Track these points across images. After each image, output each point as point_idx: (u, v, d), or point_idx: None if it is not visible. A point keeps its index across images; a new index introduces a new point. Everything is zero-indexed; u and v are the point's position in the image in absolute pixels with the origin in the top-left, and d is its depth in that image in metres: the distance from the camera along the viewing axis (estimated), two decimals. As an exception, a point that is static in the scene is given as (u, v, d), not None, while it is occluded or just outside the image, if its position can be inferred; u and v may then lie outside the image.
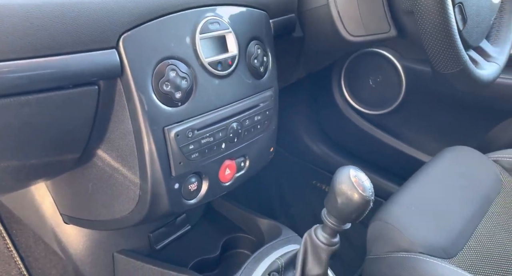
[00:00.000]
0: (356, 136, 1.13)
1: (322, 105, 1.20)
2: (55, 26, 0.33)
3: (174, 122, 0.42)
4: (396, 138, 1.06)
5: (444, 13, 0.44)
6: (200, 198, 0.48)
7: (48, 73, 0.33)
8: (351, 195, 0.40)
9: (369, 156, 1.13)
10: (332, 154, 1.20)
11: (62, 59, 0.34)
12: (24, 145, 0.37)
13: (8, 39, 0.30)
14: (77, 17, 0.34)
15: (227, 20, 0.48)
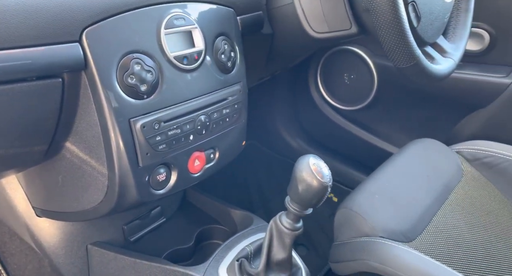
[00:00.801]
0: (332, 131, 1.16)
1: (300, 101, 1.22)
2: (14, 20, 0.33)
3: (140, 114, 0.43)
4: (369, 132, 1.08)
5: (395, 11, 0.46)
6: (169, 188, 0.49)
7: (10, 65, 0.34)
8: (311, 182, 0.42)
9: (345, 149, 1.15)
10: (310, 149, 1.23)
11: (23, 51, 0.34)
12: (5, 133, 0.37)
13: None
14: (37, 11, 0.35)
15: (193, 16, 0.49)
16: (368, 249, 0.53)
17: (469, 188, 0.70)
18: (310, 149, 1.22)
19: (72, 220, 0.54)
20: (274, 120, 1.27)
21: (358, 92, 1.07)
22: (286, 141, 1.26)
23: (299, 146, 1.25)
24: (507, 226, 0.66)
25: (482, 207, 0.67)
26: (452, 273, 0.50)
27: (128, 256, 0.55)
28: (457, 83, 0.85)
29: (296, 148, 1.25)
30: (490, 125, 0.81)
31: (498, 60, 0.83)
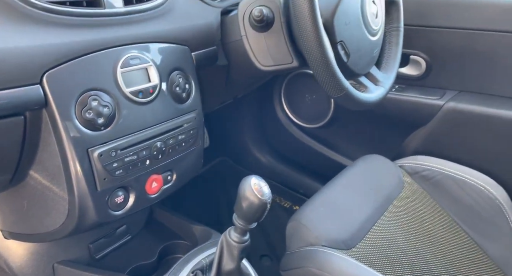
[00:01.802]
0: (297, 147, 1.22)
1: (267, 120, 1.28)
2: None
3: (97, 144, 0.48)
4: (329, 147, 1.15)
5: (323, 52, 0.52)
6: (127, 210, 0.53)
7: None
8: (253, 200, 0.47)
9: (308, 163, 1.22)
10: (277, 164, 1.29)
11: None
12: None
13: None
14: (3, 60, 0.39)
15: (148, 55, 0.54)
16: (311, 257, 0.58)
17: (408, 199, 0.76)
18: (278, 164, 1.28)
19: (37, 241, 0.57)
20: (244, 137, 1.32)
21: (318, 111, 1.15)
22: (256, 157, 1.32)
23: (268, 161, 1.31)
24: (439, 234, 0.72)
25: (418, 216, 0.74)
26: None
27: (93, 273, 0.58)
28: (401, 104, 0.93)
29: (265, 163, 1.31)
30: (429, 142, 0.89)
31: (434, 84, 0.91)
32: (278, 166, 1.27)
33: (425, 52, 0.90)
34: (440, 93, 0.89)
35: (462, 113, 0.83)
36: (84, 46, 0.47)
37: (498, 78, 0.82)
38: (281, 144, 1.29)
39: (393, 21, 0.75)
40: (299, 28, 0.53)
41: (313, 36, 0.52)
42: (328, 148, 1.15)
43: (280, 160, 1.27)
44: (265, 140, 1.32)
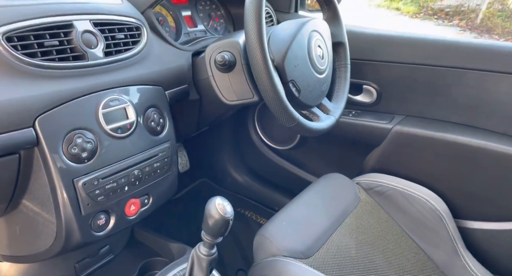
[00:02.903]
0: (270, 167, 1.31)
1: (243, 143, 1.37)
2: None
3: (81, 175, 0.55)
4: (298, 167, 1.24)
5: (275, 89, 0.62)
6: (108, 231, 0.60)
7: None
8: (217, 218, 0.55)
9: (281, 182, 1.30)
10: (253, 183, 1.37)
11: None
12: None
13: None
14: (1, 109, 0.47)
15: (126, 97, 0.63)
16: (272, 267, 0.66)
17: (362, 212, 0.85)
18: (254, 183, 1.36)
19: (28, 262, 0.63)
20: (223, 160, 1.40)
21: (288, 134, 1.24)
22: (234, 177, 1.40)
23: (245, 181, 1.39)
24: (389, 242, 0.81)
25: (371, 227, 0.82)
26: None
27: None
28: (358, 127, 1.03)
29: (242, 183, 1.39)
30: (382, 161, 0.99)
31: (384, 109, 1.02)
32: (254, 185, 1.35)
33: (375, 82, 1.01)
34: (390, 117, 0.99)
35: (407, 135, 0.93)
36: (70, 93, 0.55)
37: (437, 104, 0.93)
38: (256, 165, 1.37)
39: (341, 59, 0.86)
40: (254, 71, 0.63)
41: (265, 77, 0.62)
42: (297, 167, 1.24)
43: (256, 179, 1.35)
44: (241, 161, 1.40)
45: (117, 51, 0.63)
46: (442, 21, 6.68)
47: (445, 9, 7.04)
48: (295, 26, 0.71)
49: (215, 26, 0.99)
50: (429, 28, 6.13)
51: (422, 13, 7.02)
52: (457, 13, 6.80)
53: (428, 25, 6.33)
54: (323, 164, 1.20)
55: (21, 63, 0.51)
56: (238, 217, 1.32)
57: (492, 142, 0.83)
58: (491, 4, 6.53)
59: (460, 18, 6.62)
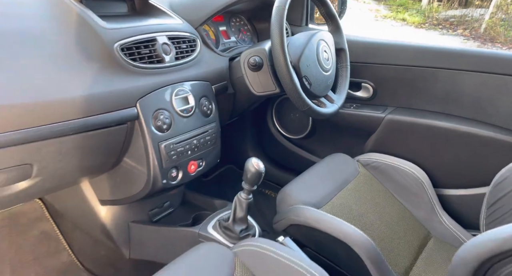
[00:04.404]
0: (285, 153, 1.54)
1: (263, 134, 1.61)
2: (103, 104, 0.70)
3: (163, 140, 0.80)
4: (309, 152, 1.48)
5: (293, 83, 0.86)
6: (177, 181, 0.85)
7: (107, 120, 0.71)
8: (254, 171, 0.79)
9: (295, 166, 1.53)
10: (271, 167, 1.60)
11: (112, 113, 0.71)
12: (93, 153, 0.73)
13: (89, 108, 0.68)
14: (118, 96, 0.72)
15: (188, 88, 0.88)
16: (290, 211, 0.89)
17: (360, 181, 1.08)
18: (272, 168, 1.59)
19: (122, 204, 0.88)
20: (246, 149, 1.64)
21: (300, 125, 1.48)
22: None
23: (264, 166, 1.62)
24: (381, 203, 1.03)
25: (367, 192, 1.05)
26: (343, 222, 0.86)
27: (154, 225, 0.89)
28: (358, 117, 1.26)
29: None
30: (378, 143, 1.22)
31: (379, 102, 1.25)
32: (272, 169, 1.58)
33: (371, 80, 1.24)
34: (383, 108, 1.22)
35: (397, 122, 1.16)
36: (156, 85, 0.80)
37: (420, 97, 1.16)
38: (274, 152, 1.61)
39: (342, 61, 1.10)
40: (277, 69, 0.87)
41: (286, 73, 0.86)
42: (308, 152, 1.48)
43: (274, 164, 1.59)
44: (261, 149, 1.64)
45: (182, 56, 0.88)
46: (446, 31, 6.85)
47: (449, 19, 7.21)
48: (307, 36, 0.95)
49: (244, 38, 1.24)
50: (433, 37, 6.29)
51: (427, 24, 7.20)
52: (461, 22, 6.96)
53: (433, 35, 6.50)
54: (329, 149, 1.43)
55: (129, 65, 0.76)
56: (260, 195, 1.55)
57: (462, 125, 1.05)
58: (494, 13, 6.67)
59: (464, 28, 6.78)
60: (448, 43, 5.63)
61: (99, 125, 0.70)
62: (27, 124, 0.60)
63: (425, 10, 7.78)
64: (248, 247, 0.69)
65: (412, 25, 7.13)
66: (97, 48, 0.72)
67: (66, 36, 0.70)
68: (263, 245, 0.68)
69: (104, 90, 0.70)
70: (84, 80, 0.68)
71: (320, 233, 0.84)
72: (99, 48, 0.72)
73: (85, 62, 0.70)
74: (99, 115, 0.70)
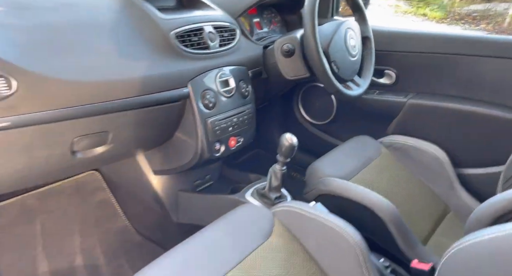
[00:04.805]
0: (310, 138, 1.63)
1: (289, 119, 1.70)
2: (162, 83, 0.81)
3: (209, 116, 0.91)
4: (333, 137, 1.56)
5: (323, 67, 0.95)
6: (220, 153, 0.96)
7: (163, 98, 0.82)
8: (288, 144, 0.89)
9: (319, 150, 1.61)
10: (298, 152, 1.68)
11: (168, 92, 0.83)
12: (154, 126, 0.84)
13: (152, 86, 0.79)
14: (172, 78, 0.83)
15: (229, 72, 0.98)
16: (319, 182, 0.98)
17: (383, 160, 1.16)
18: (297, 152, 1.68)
19: (173, 173, 1.00)
20: (273, 134, 1.74)
21: (325, 112, 1.56)
22: None
23: None
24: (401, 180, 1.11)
25: (388, 170, 1.13)
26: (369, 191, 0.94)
27: (201, 193, 1.00)
28: (381, 102, 1.33)
29: None
30: (400, 126, 1.29)
31: (401, 88, 1.32)
32: (297, 153, 1.66)
33: (394, 68, 1.31)
34: (405, 94, 1.29)
35: (418, 106, 1.23)
36: (203, 68, 0.91)
37: (441, 82, 1.22)
38: (299, 137, 1.67)
39: (367, 48, 1.17)
40: (309, 55, 0.96)
41: (317, 58, 0.95)
42: (332, 137, 1.56)
43: (299, 149, 1.66)
44: None
45: (224, 44, 0.99)
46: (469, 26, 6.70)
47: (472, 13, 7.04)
48: (335, 25, 1.04)
49: (274, 28, 1.33)
50: (456, 32, 6.18)
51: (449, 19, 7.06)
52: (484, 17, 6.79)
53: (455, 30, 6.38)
54: (353, 133, 1.50)
55: (182, 50, 0.87)
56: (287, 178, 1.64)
57: (481, 107, 1.11)
58: (519, 7, 6.46)
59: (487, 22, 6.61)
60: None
61: (159, 101, 0.81)
62: (105, 98, 0.72)
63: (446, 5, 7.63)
64: (285, 208, 0.79)
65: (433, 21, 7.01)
66: (156, 35, 0.83)
67: (131, 26, 0.82)
68: (299, 206, 0.78)
69: (163, 72, 0.82)
70: (147, 63, 0.80)
71: (348, 201, 0.93)
72: (158, 36, 0.83)
73: (147, 47, 0.81)
74: (159, 93, 0.81)
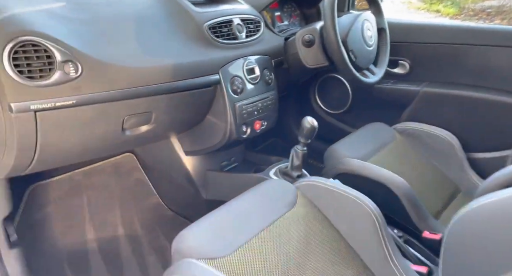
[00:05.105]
0: (327, 127, 1.70)
1: (306, 109, 1.78)
2: (197, 70, 0.90)
3: (237, 101, 1.00)
4: (349, 126, 1.63)
5: (342, 56, 1.02)
6: (247, 135, 1.05)
7: (197, 83, 0.91)
8: (309, 126, 0.96)
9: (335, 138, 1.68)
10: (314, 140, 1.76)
11: (201, 78, 0.91)
12: (189, 109, 0.93)
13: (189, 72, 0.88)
14: (204, 66, 0.92)
15: (254, 61, 1.06)
16: (340, 163, 1.06)
17: (397, 145, 1.23)
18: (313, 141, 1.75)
19: (203, 153, 1.09)
20: (290, 123, 1.82)
21: (340, 102, 1.63)
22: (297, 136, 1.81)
23: None
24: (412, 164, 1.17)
25: (403, 153, 1.20)
26: (384, 169, 1.01)
27: (228, 172, 1.09)
28: (396, 91, 1.40)
29: None
30: (413, 113, 1.35)
31: (414, 78, 1.38)
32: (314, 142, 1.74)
33: (408, 58, 1.37)
34: (418, 83, 1.35)
35: (430, 94, 1.29)
36: (232, 57, 1.00)
37: (452, 71, 1.28)
38: (316, 127, 1.76)
39: (383, 39, 1.24)
40: (329, 44, 1.04)
41: (337, 48, 1.03)
42: (348, 126, 1.63)
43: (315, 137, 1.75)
44: None
45: (250, 35, 1.07)
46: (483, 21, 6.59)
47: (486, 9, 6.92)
48: (353, 17, 1.11)
49: (294, 21, 1.41)
50: (466, 23, 6.09)
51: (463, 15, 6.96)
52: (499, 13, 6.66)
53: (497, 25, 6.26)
54: (368, 121, 1.57)
55: (214, 41, 0.96)
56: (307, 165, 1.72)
57: (491, 95, 1.17)
58: (534, 1, 6.33)
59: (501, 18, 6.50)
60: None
61: (194, 86, 0.90)
62: (150, 82, 0.81)
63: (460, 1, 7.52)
64: (307, 182, 0.87)
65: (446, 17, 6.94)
66: (191, 27, 0.92)
67: (169, 18, 0.91)
68: (320, 180, 0.86)
69: (197, 59, 0.90)
70: (184, 51, 0.89)
71: (365, 179, 1.00)
72: (193, 27, 0.92)
73: (184, 38, 0.90)
74: (194, 78, 0.90)
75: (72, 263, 0.99)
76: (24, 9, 0.67)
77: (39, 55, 0.65)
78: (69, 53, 0.67)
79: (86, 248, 1.03)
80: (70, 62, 0.67)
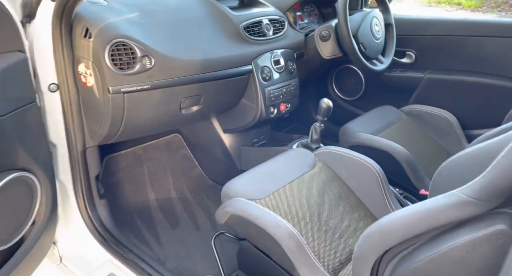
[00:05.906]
0: (343, 113, 1.88)
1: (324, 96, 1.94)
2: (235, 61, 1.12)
3: (266, 86, 1.21)
4: (362, 110, 1.80)
5: (353, 48, 1.21)
6: (274, 114, 1.26)
7: (234, 72, 1.13)
8: (325, 106, 1.16)
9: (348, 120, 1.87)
10: (331, 125, 1.95)
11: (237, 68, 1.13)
12: (229, 93, 1.15)
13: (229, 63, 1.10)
14: (240, 58, 1.13)
15: (280, 53, 1.27)
16: (352, 136, 1.25)
17: (402, 124, 1.40)
18: (331, 126, 1.95)
19: (239, 131, 1.31)
20: (309, 110, 2.01)
21: (355, 89, 1.81)
22: None
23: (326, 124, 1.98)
24: (416, 140, 1.35)
25: (406, 132, 1.37)
26: (391, 142, 1.20)
27: (257, 147, 1.31)
28: (403, 79, 1.56)
29: None
30: (418, 97, 1.51)
31: (419, 66, 1.54)
32: (331, 126, 1.93)
33: (414, 49, 1.54)
34: (422, 71, 1.52)
35: (433, 80, 1.45)
36: (262, 50, 1.21)
37: (452, 60, 1.43)
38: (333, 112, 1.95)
39: (390, 33, 1.41)
40: (342, 38, 1.23)
41: (348, 41, 1.22)
42: (361, 110, 1.80)
43: (332, 122, 1.94)
44: None
45: (276, 32, 1.28)
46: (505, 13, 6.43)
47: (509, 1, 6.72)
48: (363, 14, 1.29)
49: (313, 20, 1.60)
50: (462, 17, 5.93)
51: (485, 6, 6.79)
52: (522, 4, 6.47)
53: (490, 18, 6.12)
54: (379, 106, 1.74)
55: (248, 38, 1.17)
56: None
57: (485, 78, 1.32)
58: (560, -11, 6.10)
59: (525, 9, 6.31)
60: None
61: (232, 74, 1.12)
62: (200, 71, 1.04)
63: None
64: (324, 150, 1.07)
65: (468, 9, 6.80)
66: (230, 27, 1.14)
67: (212, 20, 1.13)
68: (335, 148, 1.06)
69: (235, 53, 1.12)
70: (225, 47, 1.11)
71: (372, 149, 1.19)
72: (231, 27, 1.14)
73: (224, 36, 1.12)
74: (232, 69, 1.12)
75: (140, 215, 1.24)
76: (114, 19, 0.90)
77: (126, 51, 0.88)
78: (145, 50, 0.91)
79: (148, 205, 1.28)
80: (146, 57, 0.91)
